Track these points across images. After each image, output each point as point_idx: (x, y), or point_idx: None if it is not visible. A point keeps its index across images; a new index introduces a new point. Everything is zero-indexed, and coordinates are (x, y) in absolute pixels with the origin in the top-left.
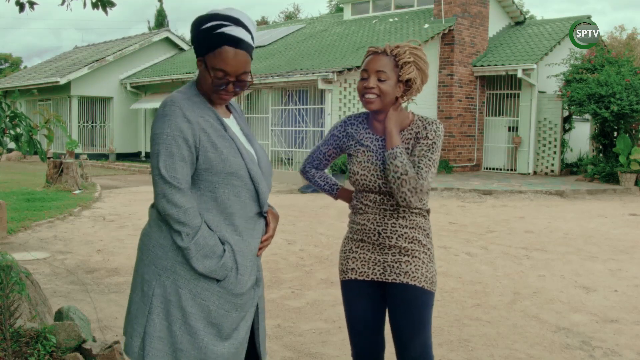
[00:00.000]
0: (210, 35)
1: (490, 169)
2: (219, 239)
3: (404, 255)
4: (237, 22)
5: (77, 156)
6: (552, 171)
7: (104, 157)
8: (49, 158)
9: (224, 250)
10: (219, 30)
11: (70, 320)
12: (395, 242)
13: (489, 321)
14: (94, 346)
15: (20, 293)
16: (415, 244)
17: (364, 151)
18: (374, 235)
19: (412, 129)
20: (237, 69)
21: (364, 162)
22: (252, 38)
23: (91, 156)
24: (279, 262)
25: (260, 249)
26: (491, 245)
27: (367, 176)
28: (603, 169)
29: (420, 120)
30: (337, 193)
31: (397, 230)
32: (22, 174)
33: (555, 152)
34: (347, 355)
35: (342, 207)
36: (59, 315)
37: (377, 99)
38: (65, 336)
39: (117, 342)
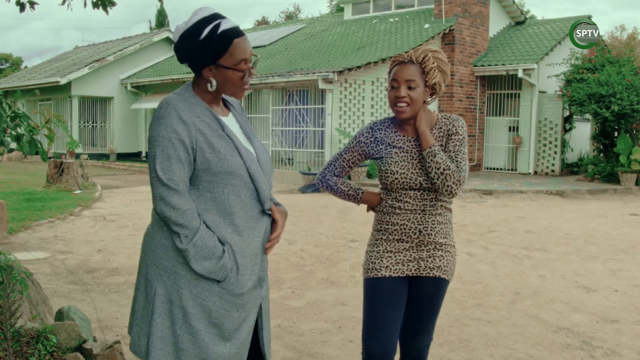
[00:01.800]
0: (216, 40)
1: (490, 168)
2: (218, 239)
3: (438, 250)
4: (221, 15)
5: (77, 156)
6: (553, 171)
7: (104, 157)
8: (49, 158)
9: (224, 251)
10: (220, 30)
11: (70, 320)
12: (434, 239)
13: (489, 321)
14: (94, 346)
15: (22, 293)
16: (447, 238)
17: (397, 152)
18: (414, 234)
19: (440, 127)
20: (249, 53)
21: (401, 161)
22: None
23: (92, 156)
24: (279, 262)
25: (268, 248)
26: (492, 245)
27: (407, 174)
28: (603, 168)
29: (445, 118)
30: (363, 197)
31: (435, 227)
32: (23, 174)
33: (555, 152)
34: (348, 356)
35: (343, 207)
36: (60, 315)
37: (408, 107)
38: (65, 336)
39: (117, 342)
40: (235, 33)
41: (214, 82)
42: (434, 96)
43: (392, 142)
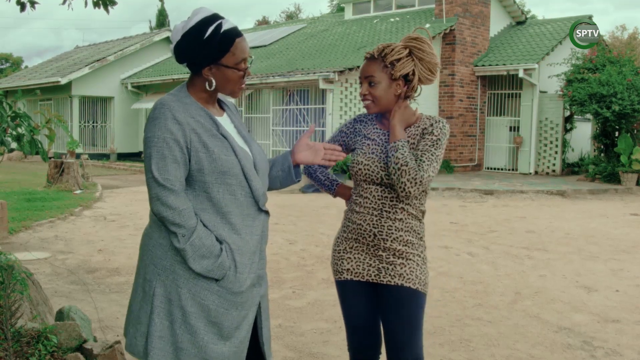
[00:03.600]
0: (219, 39)
1: (491, 168)
2: (216, 238)
3: (398, 258)
4: (220, 16)
5: (78, 156)
6: (554, 171)
7: (105, 157)
8: (50, 158)
9: (221, 249)
10: (223, 30)
11: (71, 320)
12: (390, 245)
13: (490, 321)
14: (95, 346)
15: (22, 293)
16: (409, 246)
17: (369, 144)
18: (369, 237)
19: (418, 126)
20: (248, 53)
21: (368, 153)
22: None
23: (92, 156)
24: (280, 262)
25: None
26: (492, 245)
27: (370, 166)
28: (604, 168)
29: (427, 119)
30: (337, 189)
31: (392, 233)
32: (23, 174)
33: (556, 152)
34: (348, 355)
35: (343, 207)
36: (60, 315)
37: (372, 103)
38: (66, 336)
39: (118, 342)
40: (236, 33)
41: (213, 82)
42: (411, 86)
43: (368, 134)
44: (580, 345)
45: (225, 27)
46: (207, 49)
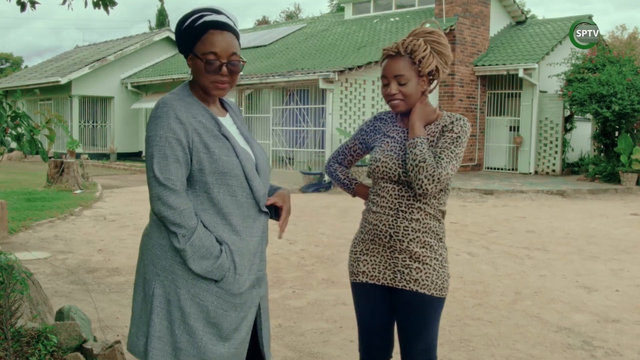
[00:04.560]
0: (194, 27)
1: (491, 168)
2: (216, 239)
3: (415, 262)
4: (217, 11)
5: (78, 156)
6: (554, 171)
7: (104, 156)
8: (50, 158)
9: (221, 250)
10: (201, 20)
11: (71, 320)
12: (407, 246)
13: (490, 321)
14: (94, 346)
15: (22, 293)
16: (426, 249)
17: (388, 142)
18: (385, 237)
19: (438, 124)
20: (226, 49)
21: (387, 150)
22: (235, 25)
23: (92, 156)
24: (280, 261)
25: (282, 230)
26: (492, 245)
27: (388, 163)
28: (604, 168)
29: (448, 116)
30: (355, 188)
31: (409, 234)
32: (23, 174)
33: (556, 152)
34: (349, 355)
35: (343, 206)
36: (60, 315)
37: (402, 102)
38: (66, 336)
39: (118, 342)
40: (215, 25)
41: (190, 72)
42: (434, 82)
43: (388, 132)
44: (580, 345)
45: (205, 18)
46: (183, 38)
